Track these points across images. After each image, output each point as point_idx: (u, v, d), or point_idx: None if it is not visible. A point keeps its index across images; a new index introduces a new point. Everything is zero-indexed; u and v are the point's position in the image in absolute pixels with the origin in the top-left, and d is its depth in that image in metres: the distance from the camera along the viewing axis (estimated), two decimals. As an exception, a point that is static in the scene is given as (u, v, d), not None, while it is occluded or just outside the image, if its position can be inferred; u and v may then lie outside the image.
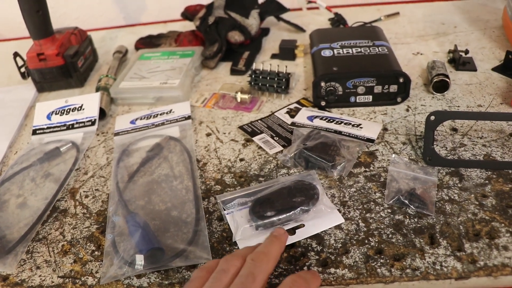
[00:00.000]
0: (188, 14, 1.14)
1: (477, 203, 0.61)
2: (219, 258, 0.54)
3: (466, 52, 0.94)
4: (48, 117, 0.92)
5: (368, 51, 0.88)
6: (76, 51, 1.05)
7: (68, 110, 0.92)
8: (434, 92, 0.85)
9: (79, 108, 0.91)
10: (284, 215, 0.60)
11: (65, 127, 0.89)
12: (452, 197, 0.63)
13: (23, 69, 1.06)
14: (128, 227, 0.63)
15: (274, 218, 0.60)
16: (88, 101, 0.92)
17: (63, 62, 1.03)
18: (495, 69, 0.92)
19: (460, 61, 0.93)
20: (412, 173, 0.66)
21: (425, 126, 0.69)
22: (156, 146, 0.80)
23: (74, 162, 0.80)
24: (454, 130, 0.75)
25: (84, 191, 0.74)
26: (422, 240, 0.57)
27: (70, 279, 0.59)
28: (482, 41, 1.03)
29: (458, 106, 0.81)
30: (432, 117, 0.68)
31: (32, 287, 0.59)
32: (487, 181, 0.65)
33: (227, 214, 0.63)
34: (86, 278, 0.59)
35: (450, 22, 1.14)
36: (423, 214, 0.61)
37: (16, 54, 1.05)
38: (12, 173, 0.80)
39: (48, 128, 0.90)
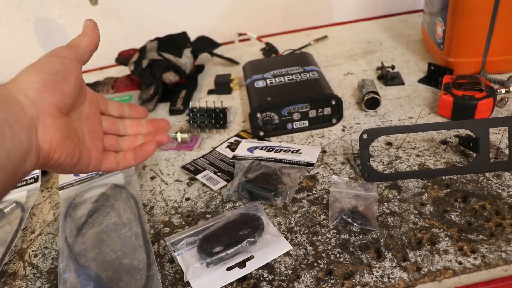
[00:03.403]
0: (122, 59, 1.15)
1: (416, 212, 0.64)
2: None
3: (393, 67, 0.99)
4: (-12, 180, 0.89)
5: (300, 77, 0.91)
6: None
7: (8, 170, 0.89)
8: (367, 109, 0.89)
9: (19, 167, 0.89)
10: (232, 249, 0.60)
11: (6, 188, 0.87)
12: (393, 209, 0.66)
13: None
14: (80, 281, 0.62)
15: (222, 254, 0.60)
16: (27, 159, 0.90)
17: None
18: (420, 80, 0.97)
19: (388, 76, 0.98)
20: (353, 191, 0.69)
21: (359, 144, 0.72)
22: (102, 196, 0.79)
23: (20, 222, 0.78)
24: (389, 144, 0.79)
25: (32, 251, 0.72)
26: (368, 256, 0.59)
27: None
28: (406, 55, 1.09)
29: (391, 120, 0.85)
30: (365, 135, 0.71)
31: None
32: (423, 190, 0.68)
33: (177, 255, 0.63)
34: None
35: (375, 40, 1.20)
36: (367, 230, 0.63)
37: None
38: (-47, 244, 0.77)
39: (-12, 191, 0.87)
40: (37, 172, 0.87)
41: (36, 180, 0.87)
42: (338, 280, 0.57)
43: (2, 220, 0.80)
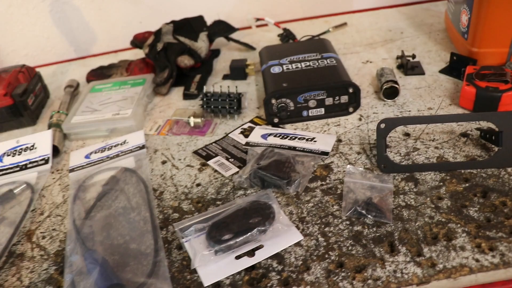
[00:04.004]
0: (137, 42, 1.13)
1: (433, 206, 0.62)
2: (180, 287, 0.53)
3: (413, 56, 0.96)
4: (0, 160, 0.89)
5: (317, 64, 0.88)
6: (25, 90, 1.03)
7: (20, 150, 0.89)
8: (385, 99, 0.86)
9: (31, 148, 0.89)
10: (241, 238, 0.59)
11: (18, 168, 0.87)
12: (409, 202, 0.63)
13: (-30, 112, 1.03)
14: (86, 265, 0.61)
15: (231, 242, 0.59)
16: (40, 140, 0.90)
17: (12, 101, 1.00)
18: (442, 71, 0.94)
19: (408, 66, 0.95)
20: (368, 182, 0.67)
21: (376, 134, 0.70)
22: (111, 179, 0.78)
23: (29, 203, 0.78)
24: (407, 135, 0.76)
25: (40, 232, 0.72)
26: (382, 249, 0.57)
27: (27, 328, 0.57)
28: (428, 44, 1.05)
29: (409, 111, 0.83)
30: (382, 125, 0.69)
31: None
32: (441, 183, 0.66)
33: (185, 241, 0.62)
34: (44, 324, 0.57)
35: (396, 28, 1.16)
36: (381, 222, 0.61)
37: (-38, 97, 1.02)
38: (-36, 221, 0.77)
39: (0, 170, 0.87)
40: (48, 153, 0.87)
41: (46, 161, 0.86)
42: (349, 273, 0.55)
43: (12, 201, 0.80)
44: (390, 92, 0.86)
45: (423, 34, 1.11)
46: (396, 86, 0.85)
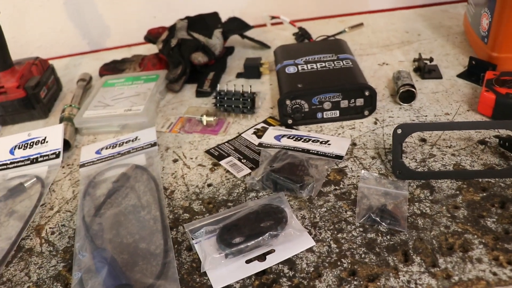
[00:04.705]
0: (151, 37, 1.13)
1: (449, 215, 0.61)
2: None
3: (431, 60, 0.94)
4: (11, 152, 0.89)
5: (333, 65, 0.87)
6: (37, 82, 1.02)
7: (32, 144, 0.89)
8: (401, 103, 0.85)
9: (43, 141, 0.89)
10: (253, 241, 0.58)
11: (29, 161, 0.86)
12: (424, 210, 0.62)
13: (-17, 103, 1.03)
14: (94, 263, 0.61)
15: (242, 246, 0.58)
16: (51, 133, 0.90)
17: (25, 94, 1.00)
18: (460, 75, 0.92)
19: (426, 69, 0.93)
20: (383, 189, 0.65)
21: (392, 139, 0.68)
22: (122, 176, 0.77)
23: (39, 197, 0.78)
24: (423, 140, 0.75)
25: (50, 228, 0.71)
26: (395, 258, 0.56)
27: (34, 325, 0.57)
28: (446, 47, 1.04)
29: (426, 116, 0.81)
30: (399, 130, 0.67)
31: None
32: (458, 192, 0.64)
33: (196, 243, 0.61)
34: (52, 322, 0.57)
35: (413, 30, 1.15)
36: (396, 230, 0.60)
37: (-25, 89, 1.02)
38: (-26, 214, 0.77)
39: (11, 163, 0.87)
40: (59, 147, 0.87)
41: (57, 155, 0.86)
42: (361, 282, 0.54)
43: (22, 194, 0.80)
44: (406, 95, 0.84)
45: (440, 37, 1.09)
46: (413, 90, 0.83)
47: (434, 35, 1.10)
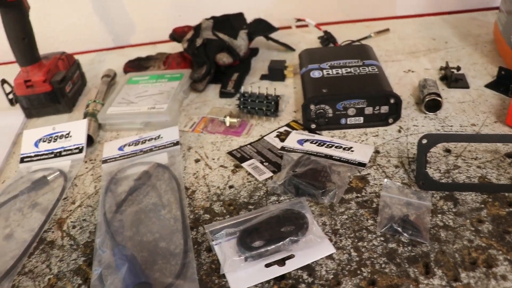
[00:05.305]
0: (176, 35, 1.13)
1: (473, 229, 0.60)
2: None
3: (458, 68, 0.93)
4: (36, 145, 0.90)
5: (358, 71, 0.86)
6: (63, 77, 1.04)
7: (56, 138, 0.90)
8: (427, 112, 0.84)
9: (67, 135, 0.90)
10: (273, 246, 0.58)
11: (52, 155, 0.88)
12: (447, 223, 0.61)
13: (10, 96, 1.05)
14: (115, 260, 0.61)
15: (262, 249, 0.58)
16: (75, 128, 0.91)
17: (51, 88, 1.01)
18: (488, 85, 0.90)
19: (452, 78, 0.92)
20: (405, 198, 0.65)
21: (417, 149, 0.67)
22: (144, 174, 0.78)
23: (62, 191, 0.78)
24: (448, 151, 0.74)
25: (71, 222, 0.72)
26: (416, 270, 0.55)
27: (54, 317, 0.58)
28: (474, 56, 1.02)
29: (451, 126, 0.80)
30: (424, 141, 0.67)
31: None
32: (482, 205, 0.63)
33: (216, 244, 0.61)
34: (71, 316, 0.57)
35: (440, 37, 1.13)
36: (417, 241, 0.59)
37: (3, 81, 1.03)
38: (-1, 204, 0.78)
39: (35, 156, 0.88)
40: (82, 142, 0.87)
41: (80, 150, 0.87)
42: (381, 292, 0.53)
43: (45, 187, 0.81)
44: (432, 104, 0.83)
45: (469, 45, 1.07)
46: (439, 99, 0.82)
47: (462, 43, 1.09)
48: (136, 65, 1.16)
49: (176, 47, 1.23)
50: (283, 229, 0.60)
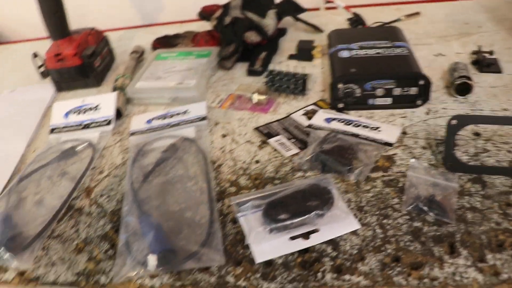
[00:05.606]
0: (205, 14, 1.13)
1: (501, 212, 0.59)
2: (233, 260, 0.55)
3: (491, 53, 0.91)
4: (66, 117, 0.92)
5: (388, 52, 0.86)
6: (93, 52, 1.05)
7: (85, 110, 0.92)
8: (456, 95, 0.83)
9: (96, 108, 0.91)
10: (298, 219, 0.58)
11: (81, 127, 0.89)
12: (474, 205, 0.61)
13: (41, 69, 1.07)
14: (141, 227, 0.63)
15: (288, 222, 0.58)
16: (104, 101, 0.92)
17: (81, 62, 1.03)
18: (521, 71, 0.89)
19: (484, 62, 0.90)
20: (432, 179, 0.64)
21: (446, 130, 0.67)
22: (171, 147, 0.79)
23: (90, 161, 0.80)
24: (477, 134, 0.73)
25: (99, 190, 0.74)
26: (441, 249, 0.55)
27: (83, 276, 0.59)
28: (509, 41, 1.00)
29: (482, 110, 0.79)
30: (454, 121, 0.66)
31: (47, 284, 0.59)
32: (511, 189, 0.62)
33: (241, 216, 0.62)
34: (99, 276, 0.59)
35: (474, 21, 1.11)
36: (443, 221, 0.59)
37: (35, 55, 1.05)
38: (30, 171, 0.80)
39: (65, 127, 0.90)
40: (111, 115, 0.89)
41: (109, 123, 0.88)
42: (405, 269, 0.53)
43: (74, 157, 0.83)
44: (462, 88, 0.82)
45: (503, 30, 1.05)
46: (470, 82, 0.81)
47: (496, 28, 1.06)
48: (165, 42, 1.17)
49: (203, 26, 1.23)
50: (309, 203, 0.60)
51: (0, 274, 0.62)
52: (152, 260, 0.57)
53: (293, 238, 0.58)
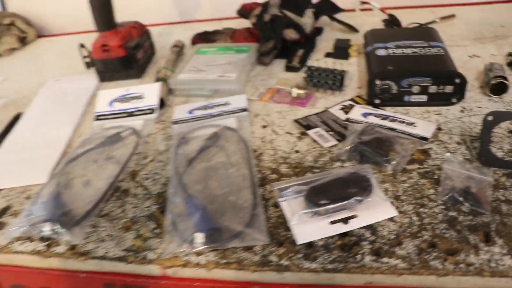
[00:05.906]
0: (244, 12, 1.17)
1: (536, 206, 0.61)
2: (276, 241, 0.57)
3: (526, 55, 0.93)
4: (110, 104, 0.96)
5: (424, 51, 0.88)
6: (136, 44, 1.10)
7: (129, 98, 0.96)
8: (491, 95, 0.84)
9: (139, 97, 0.96)
10: (338, 204, 0.61)
11: (125, 114, 0.93)
12: (509, 198, 0.63)
13: (86, 60, 1.12)
14: (187, 208, 0.66)
15: (329, 207, 0.61)
16: (148, 91, 0.96)
17: (125, 53, 1.07)
18: (556, 74, 0.90)
19: (520, 64, 0.92)
20: (467, 172, 0.66)
21: (482, 126, 0.69)
22: (213, 135, 0.82)
23: (135, 146, 0.84)
24: None
25: (144, 174, 0.77)
26: (476, 237, 0.57)
27: (131, 252, 0.63)
28: (544, 44, 1.01)
29: (516, 110, 0.81)
30: (490, 117, 0.68)
31: (96, 258, 0.63)
32: (545, 184, 0.64)
33: (283, 201, 0.65)
34: (147, 253, 0.62)
35: (510, 24, 1.12)
36: (478, 212, 0.61)
37: (82, 45, 1.10)
38: (76, 155, 0.84)
39: (110, 114, 0.94)
40: (155, 104, 0.93)
41: (152, 111, 0.92)
42: (441, 254, 0.56)
43: (119, 143, 0.87)
44: (498, 88, 0.84)
45: (540, 33, 1.06)
46: (506, 82, 0.83)
47: (533, 31, 1.08)
48: (204, 38, 1.21)
49: (240, 24, 1.27)
50: (349, 189, 0.63)
51: (53, 247, 0.66)
52: (199, 237, 0.60)
53: (333, 222, 0.61)
